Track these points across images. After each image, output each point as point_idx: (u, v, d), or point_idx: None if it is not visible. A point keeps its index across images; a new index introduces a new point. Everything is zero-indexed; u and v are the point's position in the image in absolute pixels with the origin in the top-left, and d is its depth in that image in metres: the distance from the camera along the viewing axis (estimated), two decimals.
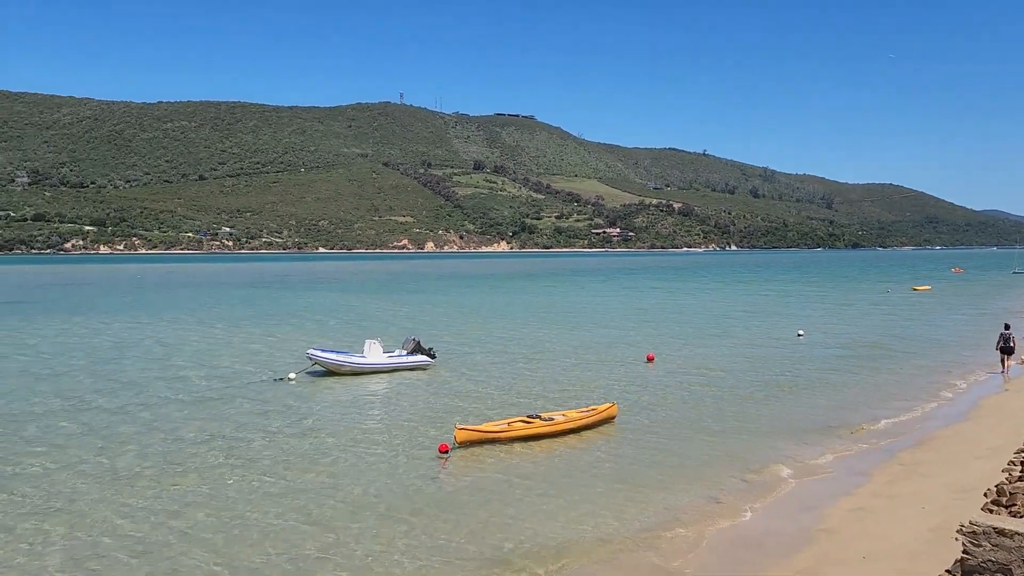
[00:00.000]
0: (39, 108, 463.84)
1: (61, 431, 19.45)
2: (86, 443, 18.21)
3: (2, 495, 14.45)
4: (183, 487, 15.03)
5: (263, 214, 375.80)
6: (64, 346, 35.86)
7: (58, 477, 15.62)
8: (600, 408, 20.80)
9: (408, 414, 21.56)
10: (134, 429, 19.59)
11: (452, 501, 14.38)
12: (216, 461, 16.74)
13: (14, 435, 18.95)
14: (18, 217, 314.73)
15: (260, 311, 55.13)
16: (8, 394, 24.15)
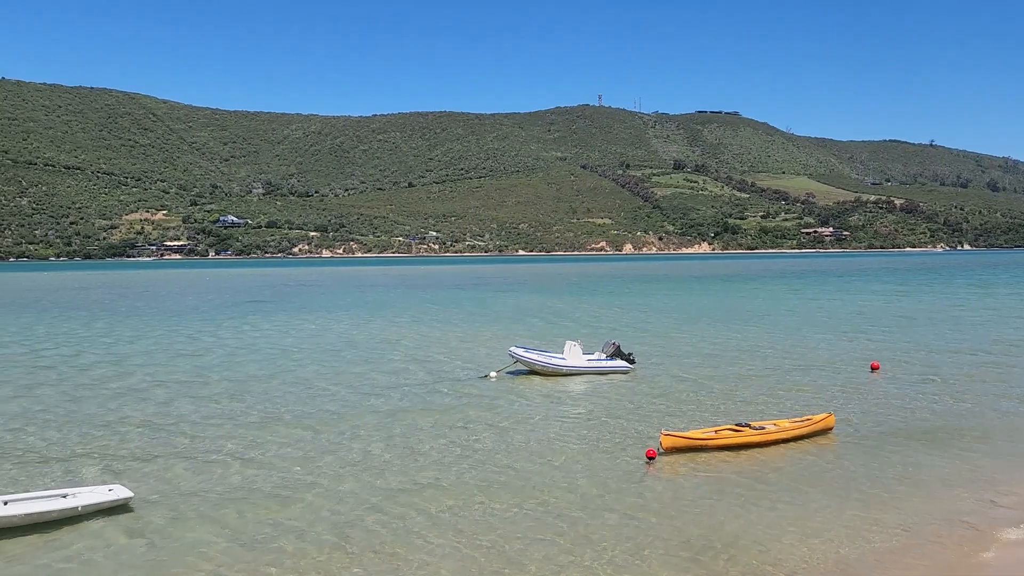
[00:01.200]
0: (272, 125, 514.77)
1: (312, 417, 21.04)
2: (333, 430, 19.60)
3: (276, 473, 15.89)
4: (419, 472, 15.86)
5: (467, 218, 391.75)
6: (296, 339, 39.16)
7: (322, 461, 16.83)
8: (816, 418, 19.33)
9: (609, 418, 21.13)
10: (369, 419, 20.74)
11: (661, 509, 13.88)
12: (447, 455, 17.19)
13: (276, 420, 20.77)
14: (255, 224, 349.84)
15: (465, 311, 57.14)
16: (261, 379, 26.78)
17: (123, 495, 13.36)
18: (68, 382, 27.08)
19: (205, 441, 18.48)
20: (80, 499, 12.90)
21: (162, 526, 12.84)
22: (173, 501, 14.06)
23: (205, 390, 25.28)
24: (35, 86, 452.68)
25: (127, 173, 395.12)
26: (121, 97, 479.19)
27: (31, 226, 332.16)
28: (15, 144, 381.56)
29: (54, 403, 23.17)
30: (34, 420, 20.77)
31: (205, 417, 21.10)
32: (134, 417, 21.13)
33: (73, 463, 16.54)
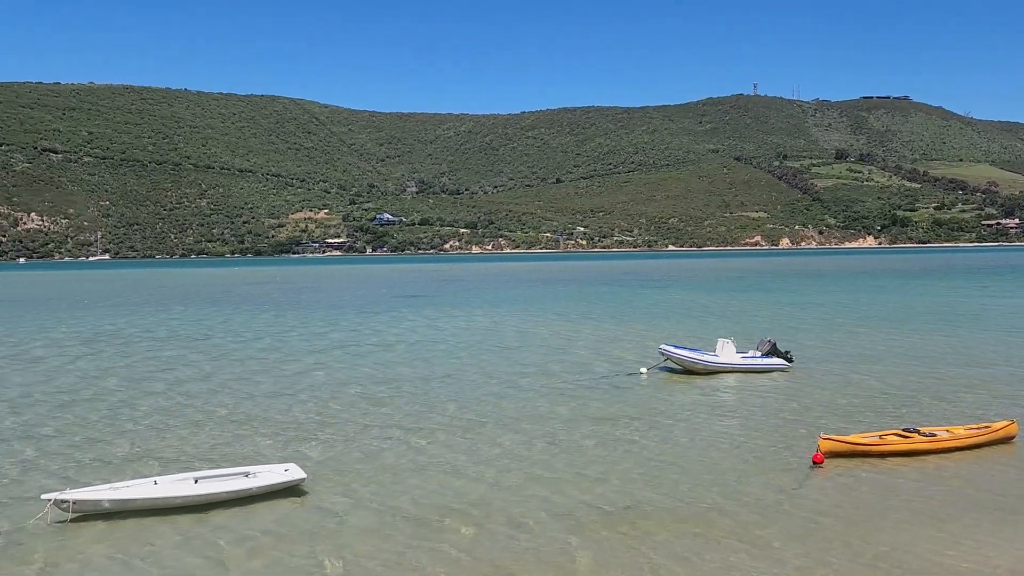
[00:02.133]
0: (425, 126, 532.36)
1: (472, 409, 21.36)
2: (492, 423, 19.81)
3: (442, 462, 16.17)
4: (579, 468, 15.75)
5: (615, 213, 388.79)
6: (450, 332, 39.98)
7: (487, 452, 17.03)
8: (996, 426, 17.30)
9: (765, 419, 19.90)
10: (526, 413, 20.79)
11: (835, 516, 12.89)
12: (610, 452, 16.93)
13: (437, 411, 21.17)
14: (408, 222, 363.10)
15: (613, 307, 56.34)
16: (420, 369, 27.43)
17: (297, 476, 13.95)
18: (256, 369, 28.78)
19: (373, 428, 19.13)
20: (260, 479, 13.72)
21: (332, 507, 13.34)
22: (343, 484, 14.60)
23: (371, 379, 26.13)
24: (213, 96, 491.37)
25: (293, 175, 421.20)
26: (288, 104, 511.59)
27: (209, 225, 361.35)
28: (196, 150, 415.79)
29: (245, 387, 24.83)
30: (223, 404, 22.25)
31: (375, 405, 21.92)
32: (310, 402, 22.35)
33: (253, 443, 17.67)
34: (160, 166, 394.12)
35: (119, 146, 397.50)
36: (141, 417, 20.60)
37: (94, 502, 12.48)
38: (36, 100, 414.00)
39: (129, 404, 22.35)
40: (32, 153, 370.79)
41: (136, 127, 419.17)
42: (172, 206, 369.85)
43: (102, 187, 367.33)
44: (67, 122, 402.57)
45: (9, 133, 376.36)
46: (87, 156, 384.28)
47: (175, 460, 16.20)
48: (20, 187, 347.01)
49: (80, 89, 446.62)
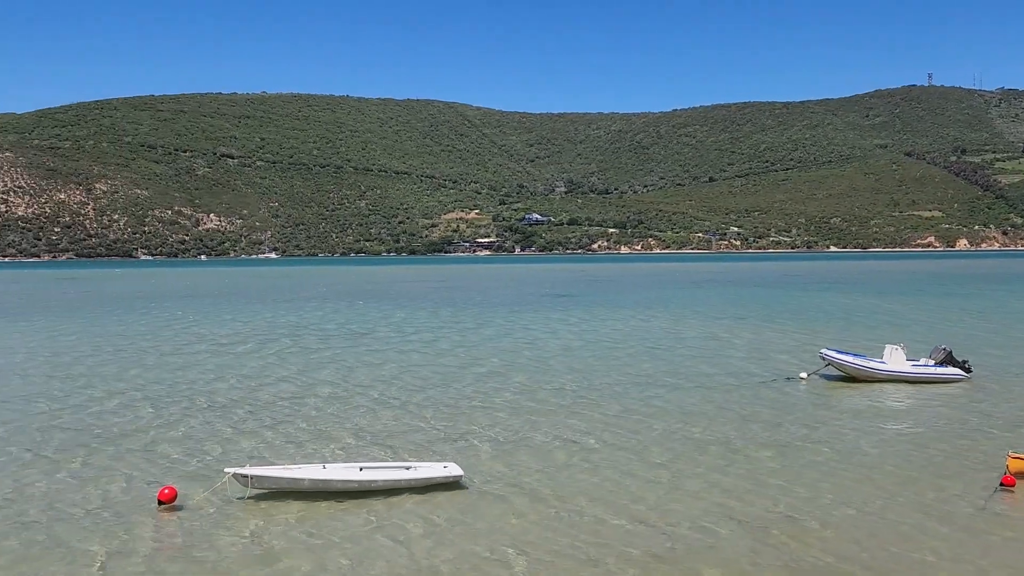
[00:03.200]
0: (575, 126, 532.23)
1: (632, 411, 20.78)
2: (652, 423, 19.35)
3: (601, 465, 15.76)
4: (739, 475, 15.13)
5: (771, 213, 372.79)
6: (595, 332, 38.65)
7: (654, 456, 16.45)
8: None
9: (940, 433, 17.99)
10: (684, 416, 20.06)
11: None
12: (781, 461, 16.02)
13: (597, 410, 20.83)
14: (556, 222, 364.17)
15: (769, 309, 53.07)
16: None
17: (455, 472, 14.13)
18: (418, 363, 29.23)
19: (535, 425, 18.97)
20: (419, 472, 14.09)
21: (487, 506, 13.31)
22: (500, 484, 14.46)
23: (530, 377, 25.91)
24: (373, 102, 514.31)
25: (446, 176, 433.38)
26: (442, 107, 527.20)
27: (368, 225, 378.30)
28: (356, 154, 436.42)
29: (407, 382, 25.22)
30: (390, 397, 22.68)
31: (536, 402, 21.74)
32: (473, 398, 22.47)
33: (415, 437, 17.86)
34: (323, 169, 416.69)
35: (287, 151, 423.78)
36: (318, 405, 21.49)
37: (270, 479, 13.49)
38: (216, 110, 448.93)
39: (307, 393, 23.31)
40: (212, 158, 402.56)
41: (302, 132, 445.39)
42: (334, 207, 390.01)
43: (272, 189, 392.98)
44: (242, 129, 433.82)
45: (193, 140, 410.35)
46: (259, 161, 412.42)
47: (342, 448, 16.92)
48: (201, 190, 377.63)
49: (254, 98, 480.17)
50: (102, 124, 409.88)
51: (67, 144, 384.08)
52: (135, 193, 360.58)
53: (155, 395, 23.39)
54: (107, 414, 20.73)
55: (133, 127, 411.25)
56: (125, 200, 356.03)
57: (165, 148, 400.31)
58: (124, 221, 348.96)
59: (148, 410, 21.22)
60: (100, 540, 11.77)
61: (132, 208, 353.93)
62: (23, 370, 28.89)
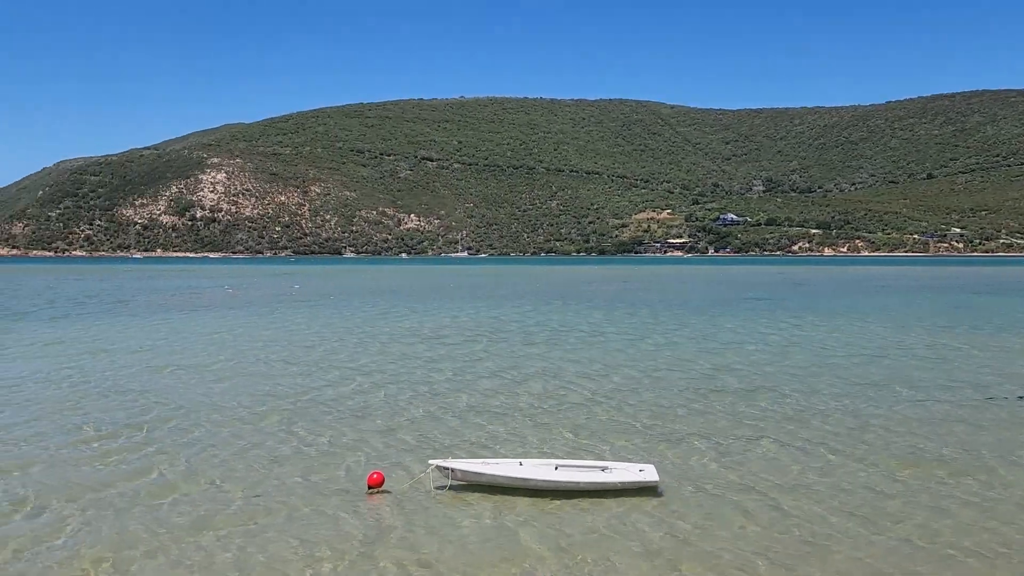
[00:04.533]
0: (775, 122, 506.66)
1: (857, 422, 18.93)
2: (868, 437, 17.48)
3: (811, 475, 14.49)
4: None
5: (1001, 212, 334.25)
6: (803, 337, 35.07)
7: (884, 475, 14.82)
8: None
9: None
10: (908, 434, 17.74)
11: None
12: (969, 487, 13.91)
13: (817, 421, 19.11)
14: (753, 222, 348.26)
15: (1013, 318, 46.23)
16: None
17: (651, 478, 13.57)
18: (624, 363, 28.07)
19: (743, 435, 17.65)
20: (614, 475, 13.67)
21: (683, 516, 12.48)
22: (698, 494, 13.55)
23: (737, 382, 24.30)
24: (566, 103, 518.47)
25: (637, 175, 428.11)
26: (635, 106, 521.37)
27: (558, 225, 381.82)
28: (548, 154, 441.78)
29: (615, 382, 24.41)
30: (591, 396, 22.02)
31: (745, 408, 20.41)
32: (677, 400, 21.46)
33: (614, 439, 17.11)
34: (516, 170, 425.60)
35: (483, 153, 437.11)
36: (525, 401, 21.39)
37: (470, 473, 13.75)
38: (418, 115, 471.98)
39: (515, 389, 23.33)
40: (413, 161, 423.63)
41: (497, 135, 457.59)
42: (526, 207, 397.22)
43: (467, 191, 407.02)
44: (441, 133, 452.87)
45: (396, 145, 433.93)
46: (456, 163, 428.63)
47: (545, 443, 16.77)
48: (403, 192, 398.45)
49: (452, 103, 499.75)
50: (317, 131, 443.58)
51: (287, 151, 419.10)
52: (344, 195, 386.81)
53: (372, 383, 24.17)
54: (327, 400, 21.57)
55: (344, 133, 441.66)
56: (336, 201, 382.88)
57: (372, 152, 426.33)
58: (335, 221, 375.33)
59: (359, 396, 22.06)
60: (308, 517, 12.33)
61: (342, 209, 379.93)
62: (265, 354, 30.47)
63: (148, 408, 20.50)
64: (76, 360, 29.48)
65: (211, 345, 33.98)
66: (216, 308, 57.12)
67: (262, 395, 22.22)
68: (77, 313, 52.42)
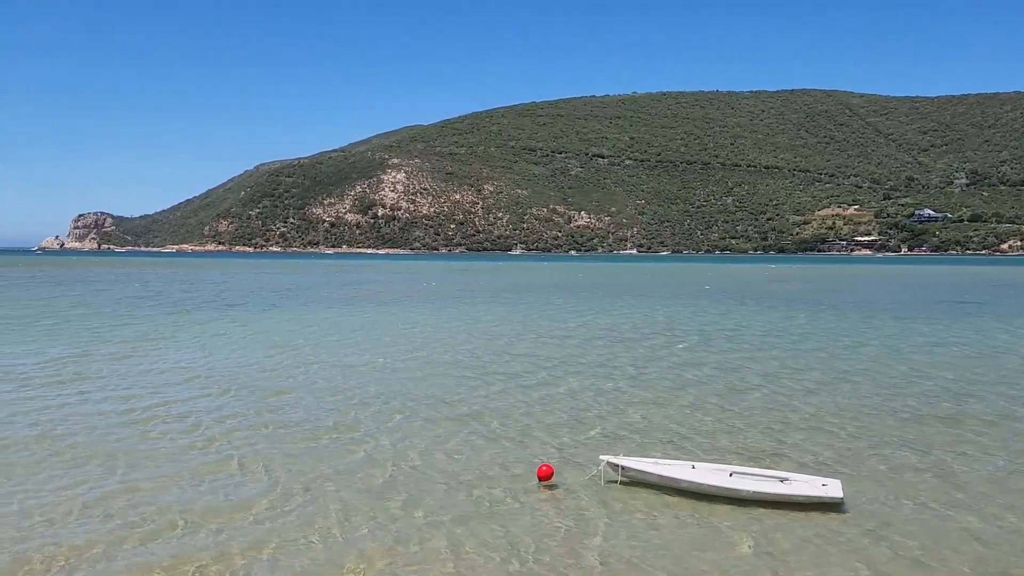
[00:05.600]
0: (981, 108, 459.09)
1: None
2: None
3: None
4: None
5: None
6: (1002, 345, 30.18)
7: None
8: None
9: None
10: None
11: None
12: None
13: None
14: (954, 219, 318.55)
15: None
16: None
17: (835, 493, 12.42)
18: (848, 371, 25.56)
19: (930, 447, 15.81)
20: (794, 487, 12.67)
21: (871, 540, 11.04)
22: (887, 515, 12.01)
23: (926, 392, 21.60)
24: (743, 95, 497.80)
25: (820, 169, 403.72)
26: (819, 95, 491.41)
27: (733, 222, 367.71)
28: (724, 149, 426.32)
29: (797, 387, 22.49)
30: (779, 401, 20.55)
31: (936, 422, 18.11)
32: (863, 412, 19.11)
33: (798, 448, 15.81)
34: (690, 166, 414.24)
35: (655, 149, 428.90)
36: (696, 401, 20.45)
37: (641, 472, 13.38)
38: (589, 112, 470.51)
39: (688, 387, 22.35)
40: (584, 159, 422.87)
41: (670, 130, 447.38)
42: (700, 204, 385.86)
43: (639, 187, 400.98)
44: (613, 129, 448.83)
45: (567, 143, 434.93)
46: (628, 159, 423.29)
47: (711, 448, 15.85)
48: (574, 189, 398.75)
49: (625, 99, 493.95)
50: (491, 131, 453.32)
51: (462, 150, 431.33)
52: (516, 193, 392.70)
53: (553, 376, 24.03)
54: (513, 391, 21.58)
55: (516, 132, 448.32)
56: (508, 199, 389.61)
57: (543, 150, 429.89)
58: (507, 219, 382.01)
59: (543, 389, 21.91)
60: (480, 507, 12.29)
61: (513, 207, 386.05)
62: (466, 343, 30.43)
63: (354, 393, 21.23)
64: (291, 352, 30.93)
65: (407, 336, 35.10)
66: (409, 302, 59.47)
67: (454, 386, 22.33)
68: (288, 304, 55.80)
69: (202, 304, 53.63)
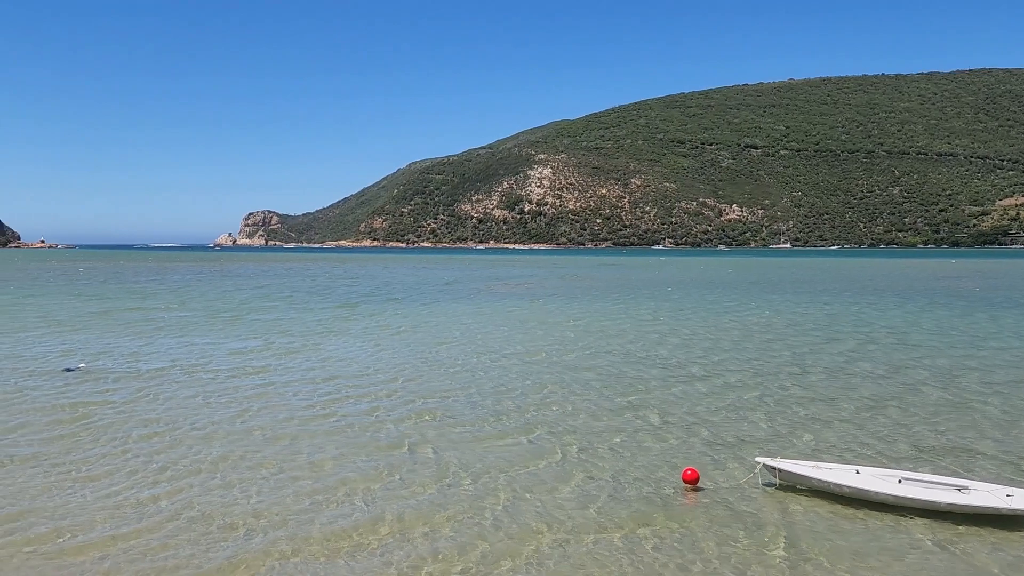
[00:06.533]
0: None
1: None
2: None
3: None
4: None
5: None
6: None
7: None
8: None
9: None
10: None
11: None
12: None
13: None
14: None
15: None
16: None
17: (1021, 506, 11.20)
18: (985, 368, 24.02)
19: None
20: (973, 497, 11.51)
21: None
22: None
23: None
24: (912, 77, 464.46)
25: (1003, 155, 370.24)
26: (1002, 75, 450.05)
27: (900, 214, 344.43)
28: (890, 136, 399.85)
29: (973, 391, 20.74)
30: (950, 403, 19.22)
31: None
32: None
33: (978, 454, 14.62)
34: (852, 155, 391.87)
35: (813, 138, 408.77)
36: (858, 401, 19.35)
37: (800, 476, 12.71)
38: (741, 101, 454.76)
39: (848, 387, 21.23)
40: (736, 150, 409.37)
41: (830, 118, 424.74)
42: (862, 195, 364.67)
43: (795, 178, 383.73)
44: (767, 119, 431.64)
45: (718, 134, 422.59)
46: (783, 150, 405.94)
47: (876, 451, 14.92)
48: (725, 181, 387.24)
49: (780, 87, 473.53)
50: (638, 124, 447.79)
51: (609, 144, 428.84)
52: (664, 186, 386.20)
53: (713, 371, 23.76)
54: (662, 389, 21.03)
55: (664, 124, 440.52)
56: (655, 193, 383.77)
57: (692, 142, 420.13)
58: (654, 213, 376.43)
59: (698, 384, 21.60)
60: (628, 507, 12.01)
61: (661, 200, 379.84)
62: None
63: (517, 384, 21.61)
64: (460, 344, 32.04)
65: (565, 329, 35.57)
66: (563, 295, 60.22)
67: (615, 381, 22.27)
68: (448, 297, 57.91)
69: (367, 297, 56.41)
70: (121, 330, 34.16)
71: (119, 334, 32.58)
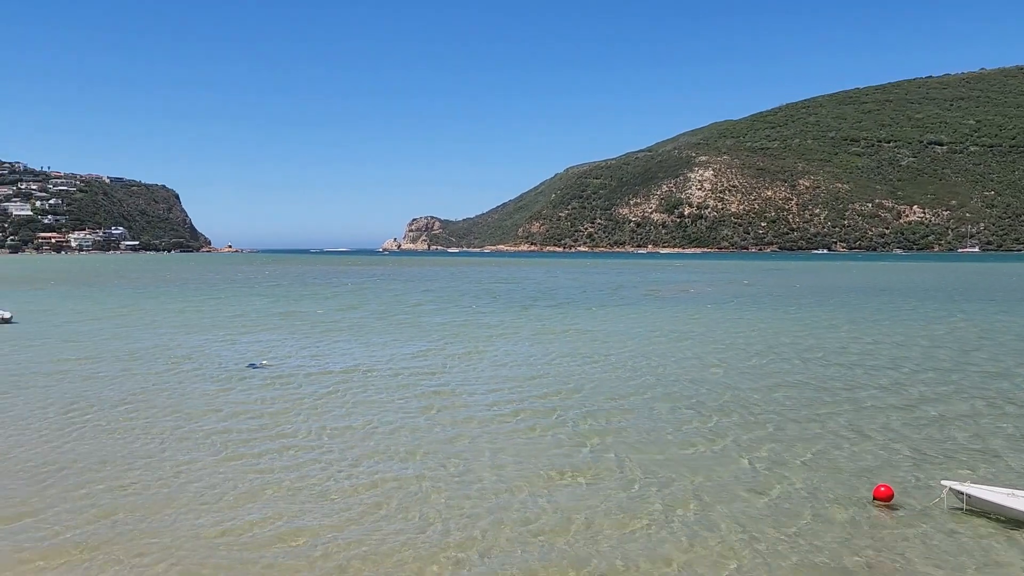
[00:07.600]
0: None
1: None
2: None
3: None
4: None
5: None
6: None
7: None
8: None
9: None
10: None
11: None
12: None
13: None
14: None
15: None
16: None
17: None
18: None
19: None
20: None
21: None
22: None
23: None
24: None
25: None
26: None
27: None
28: None
29: None
30: None
31: None
32: None
33: None
34: None
35: (1008, 132, 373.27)
36: None
37: (989, 502, 11.91)
38: (924, 95, 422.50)
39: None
40: (917, 147, 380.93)
41: None
42: None
43: (987, 177, 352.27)
44: (953, 113, 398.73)
45: (897, 130, 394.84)
46: (973, 146, 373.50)
47: None
48: (904, 181, 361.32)
49: (969, 78, 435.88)
50: (807, 122, 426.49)
51: (775, 144, 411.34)
52: (836, 187, 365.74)
53: (895, 384, 22.39)
54: (839, 403, 19.92)
55: (836, 122, 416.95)
56: (826, 194, 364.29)
57: (868, 140, 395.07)
58: (824, 215, 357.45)
59: (878, 398, 20.32)
60: (817, 522, 11.71)
61: (832, 202, 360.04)
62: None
63: (692, 391, 21.36)
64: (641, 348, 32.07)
65: (737, 336, 34.87)
66: (730, 302, 58.93)
67: (795, 392, 21.62)
68: (614, 301, 58.05)
69: (535, 300, 57.37)
70: (306, 330, 36.64)
71: (304, 334, 34.94)
